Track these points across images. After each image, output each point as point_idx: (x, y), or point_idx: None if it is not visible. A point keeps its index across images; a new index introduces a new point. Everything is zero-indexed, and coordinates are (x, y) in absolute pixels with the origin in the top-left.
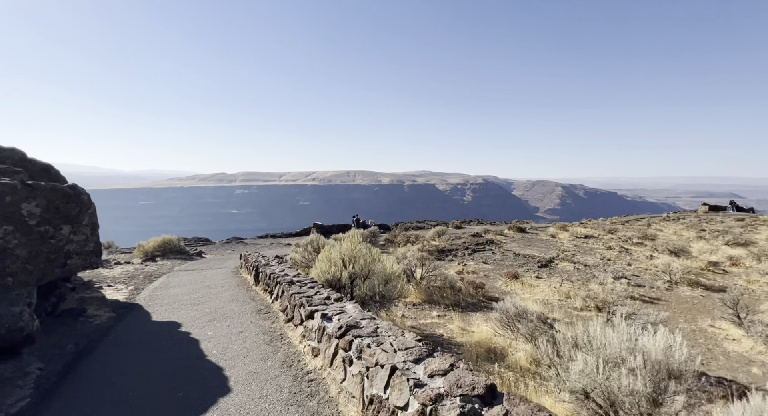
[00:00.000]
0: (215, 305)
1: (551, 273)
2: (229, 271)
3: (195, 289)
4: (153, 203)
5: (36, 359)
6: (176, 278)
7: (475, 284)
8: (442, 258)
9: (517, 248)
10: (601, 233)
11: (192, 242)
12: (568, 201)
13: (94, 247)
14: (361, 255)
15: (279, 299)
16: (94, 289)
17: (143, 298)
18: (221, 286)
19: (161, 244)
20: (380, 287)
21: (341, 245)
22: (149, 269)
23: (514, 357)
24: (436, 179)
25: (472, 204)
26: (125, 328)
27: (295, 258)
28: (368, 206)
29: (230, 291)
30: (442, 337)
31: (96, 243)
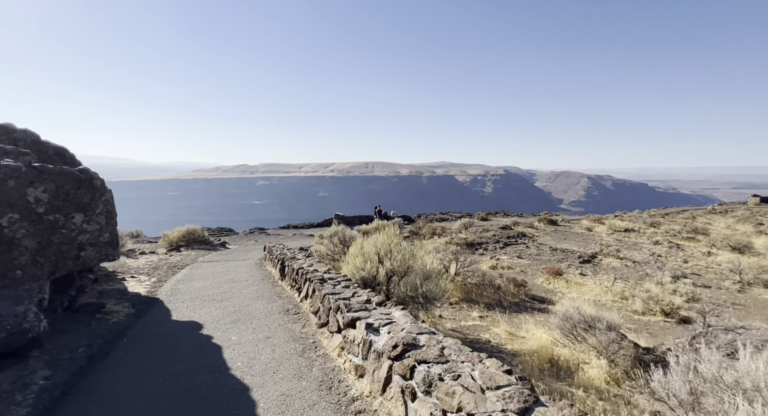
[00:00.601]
0: (239, 302)
1: (596, 270)
2: (253, 263)
3: (218, 283)
4: (180, 194)
5: (43, 365)
6: (199, 270)
7: (517, 281)
8: (472, 252)
9: (551, 241)
10: (641, 226)
11: (216, 232)
12: (594, 193)
13: (110, 238)
14: (399, 250)
15: (309, 298)
16: (117, 281)
17: (165, 292)
18: (245, 280)
19: (185, 234)
20: (423, 288)
21: (376, 238)
22: (173, 260)
23: (587, 375)
24: (456, 171)
25: (492, 196)
26: (143, 328)
27: (321, 251)
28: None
29: (255, 286)
30: (489, 343)
31: (112, 234)
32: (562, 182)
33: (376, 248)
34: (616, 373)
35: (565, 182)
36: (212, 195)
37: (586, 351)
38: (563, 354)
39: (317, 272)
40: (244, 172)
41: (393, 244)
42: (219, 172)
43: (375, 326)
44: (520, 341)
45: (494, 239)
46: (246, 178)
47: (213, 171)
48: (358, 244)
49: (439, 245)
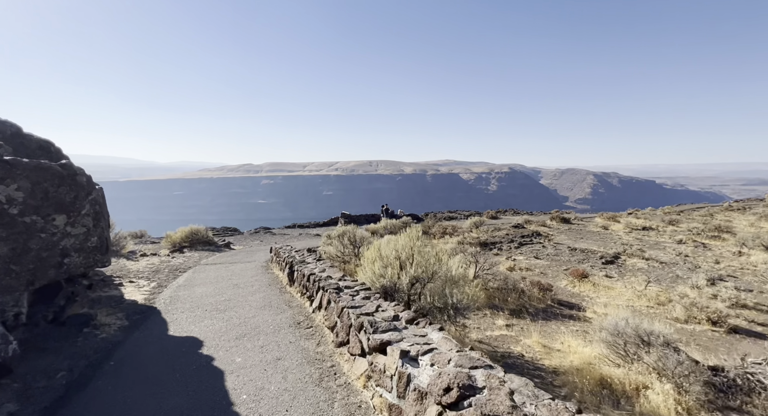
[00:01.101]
0: (244, 312)
1: (622, 272)
2: (259, 266)
3: (221, 289)
4: (185, 193)
5: (11, 396)
6: (202, 274)
7: (542, 285)
8: (486, 252)
9: (568, 241)
10: (659, 224)
11: (220, 231)
12: (600, 190)
13: (99, 242)
14: (423, 254)
15: (323, 309)
16: (114, 286)
17: (164, 300)
18: (251, 285)
19: (189, 234)
20: (453, 298)
21: (396, 240)
22: (175, 263)
23: (651, 403)
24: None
25: (497, 194)
26: (135, 346)
27: (330, 252)
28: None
29: (261, 293)
30: (522, 358)
31: (101, 237)
32: (568, 179)
33: (397, 251)
34: (686, 401)
35: (571, 180)
36: (217, 194)
37: (643, 372)
38: (615, 374)
39: (331, 280)
40: (248, 171)
41: (416, 247)
42: (224, 171)
43: (412, 354)
44: (557, 355)
45: (508, 239)
46: (251, 177)
47: (218, 171)
48: (375, 247)
49: (448, 245)
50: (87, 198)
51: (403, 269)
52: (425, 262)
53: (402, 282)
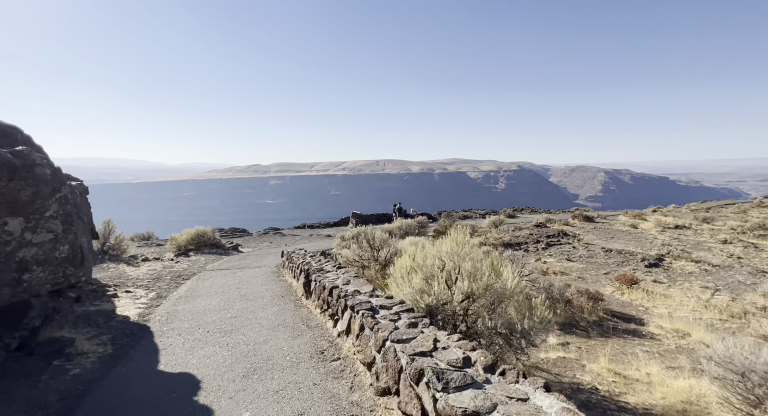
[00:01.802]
0: (254, 335)
1: (671, 276)
2: (270, 272)
3: (228, 301)
4: (196, 194)
5: None
6: (207, 282)
7: (590, 294)
8: (512, 254)
9: (598, 240)
10: (692, 222)
11: (229, 233)
12: (611, 187)
13: (71, 252)
14: (476, 264)
15: (352, 335)
16: (106, 298)
17: (160, 316)
18: (261, 297)
19: (195, 237)
20: (524, 323)
21: (440, 245)
22: (179, 268)
23: None
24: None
25: (505, 192)
26: (112, 389)
27: (348, 256)
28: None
29: (273, 307)
30: (597, 392)
31: (75, 246)
32: (578, 176)
33: (441, 260)
34: None
35: (581, 177)
36: (227, 195)
37: None
38: None
39: (359, 295)
40: (257, 172)
41: (468, 255)
42: (233, 172)
43: None
44: (640, 389)
45: (533, 239)
46: (259, 177)
47: (227, 171)
48: (410, 254)
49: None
50: (53, 196)
51: (449, 285)
52: (479, 273)
53: (454, 301)
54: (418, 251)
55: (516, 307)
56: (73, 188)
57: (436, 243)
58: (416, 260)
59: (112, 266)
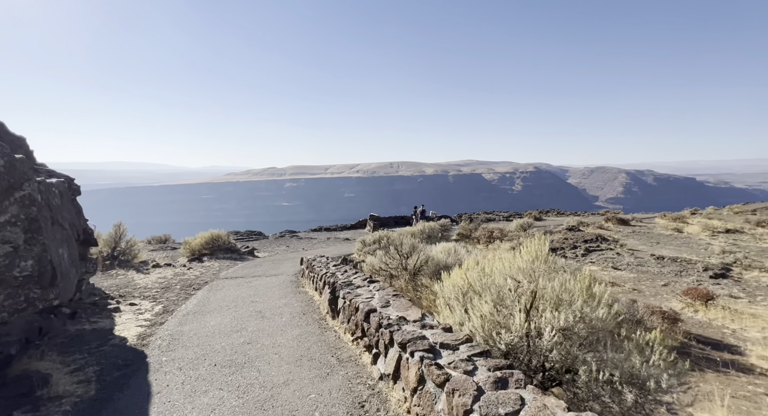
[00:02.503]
0: (272, 374)
1: (747, 290)
2: (287, 281)
3: (241, 320)
4: (213, 197)
5: None
6: (219, 293)
7: (664, 314)
8: None
9: (643, 246)
10: (744, 226)
11: (244, 235)
12: (633, 189)
13: (38, 269)
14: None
15: (405, 386)
16: (107, 312)
17: (162, 339)
18: (279, 314)
19: (209, 241)
20: (648, 369)
21: (512, 258)
22: (190, 276)
23: None
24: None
25: (522, 194)
26: None
27: (373, 264)
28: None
29: (294, 329)
30: None
31: (41, 261)
32: (598, 178)
33: (514, 279)
34: None
35: (601, 178)
36: (243, 197)
37: None
38: None
39: (406, 325)
40: (272, 174)
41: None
42: (249, 175)
43: None
44: None
45: (570, 244)
46: (275, 180)
47: (244, 174)
48: (466, 269)
49: (499, 251)
50: (10, 196)
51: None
52: (569, 297)
53: (544, 340)
54: (470, 263)
55: (632, 346)
56: (49, 187)
57: (492, 253)
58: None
59: (121, 273)
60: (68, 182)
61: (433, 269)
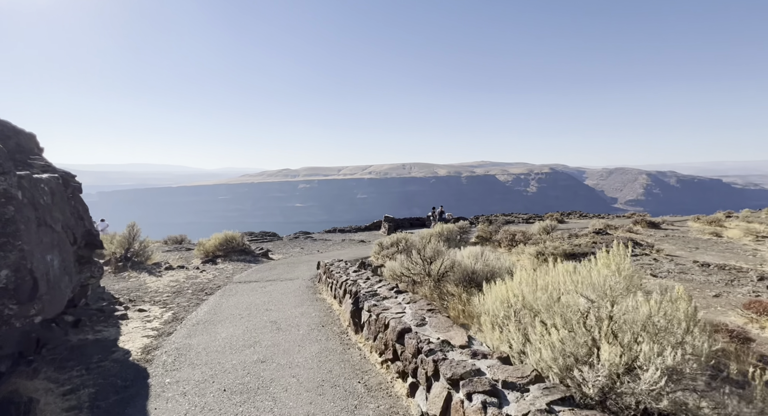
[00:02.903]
0: (289, 404)
1: None
2: (303, 286)
3: (254, 332)
4: (229, 198)
5: None
6: (232, 300)
7: (731, 331)
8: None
9: (681, 252)
10: None
11: (259, 237)
12: (654, 190)
13: (14, 280)
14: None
15: None
16: (113, 319)
17: (167, 355)
18: (296, 325)
19: (223, 242)
20: None
21: (588, 271)
22: (203, 279)
23: None
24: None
25: (536, 195)
26: None
27: (394, 269)
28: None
29: (313, 345)
30: None
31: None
32: (617, 179)
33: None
34: None
35: (620, 180)
36: (258, 198)
37: None
38: None
39: (451, 351)
40: (286, 176)
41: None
42: (264, 176)
43: None
44: None
45: (599, 248)
46: (289, 181)
47: (258, 176)
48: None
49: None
50: None
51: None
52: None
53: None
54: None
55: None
56: (36, 182)
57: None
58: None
59: (133, 276)
60: (64, 178)
61: (460, 276)
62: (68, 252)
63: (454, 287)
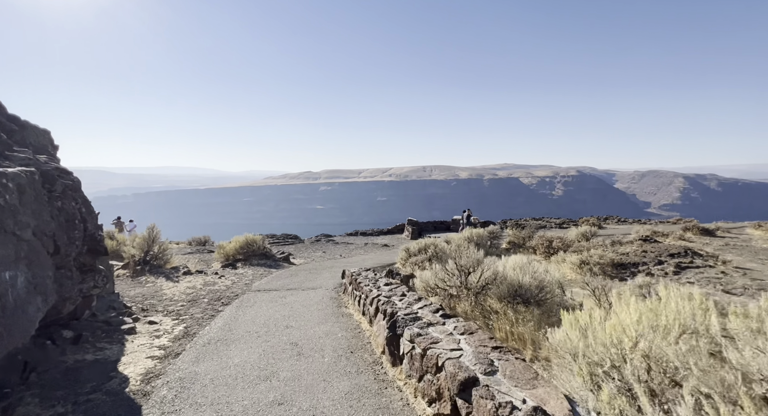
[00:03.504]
0: None
1: None
2: (327, 297)
3: (271, 358)
4: (253, 200)
5: None
6: (249, 312)
7: None
8: (626, 278)
9: (752, 264)
10: None
11: (280, 239)
12: (693, 195)
13: None
14: None
15: None
16: (119, 335)
17: (169, 387)
18: (320, 350)
19: (243, 245)
20: None
21: None
22: (221, 285)
23: None
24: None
25: (563, 199)
26: None
27: (427, 280)
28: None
29: (341, 381)
30: None
31: None
32: (650, 182)
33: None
34: None
35: (654, 183)
36: (280, 200)
37: None
38: None
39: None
40: (308, 178)
41: None
42: (286, 179)
43: None
44: None
45: (653, 258)
46: (310, 184)
47: (281, 178)
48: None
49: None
50: None
51: None
52: None
53: None
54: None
55: None
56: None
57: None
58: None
59: (150, 281)
60: (45, 174)
61: (505, 290)
62: (43, 265)
63: (497, 302)
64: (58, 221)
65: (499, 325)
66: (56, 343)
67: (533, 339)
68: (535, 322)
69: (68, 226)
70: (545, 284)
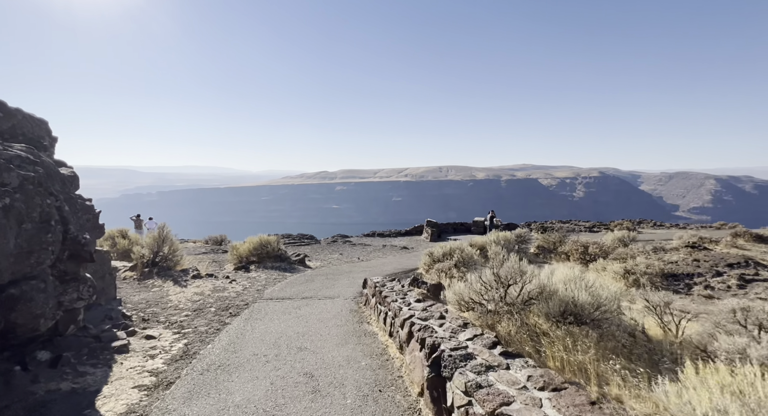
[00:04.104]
0: None
1: None
2: (345, 309)
3: (281, 395)
4: (270, 199)
5: None
6: (259, 326)
7: None
8: (679, 291)
9: None
10: None
11: (297, 239)
12: (725, 197)
13: None
14: None
15: None
16: (107, 355)
17: None
18: (340, 385)
19: (257, 247)
20: None
21: None
22: (231, 292)
23: None
24: (539, 173)
25: (584, 201)
26: None
27: (461, 294)
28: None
29: None
30: None
31: None
32: (678, 184)
33: None
34: None
35: (683, 185)
36: (297, 199)
37: None
38: None
39: None
40: (324, 178)
41: None
42: (303, 178)
43: None
44: None
45: (707, 269)
46: (326, 184)
47: (298, 178)
48: None
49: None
50: None
51: None
52: None
53: None
54: None
55: None
56: None
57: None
58: None
59: (157, 284)
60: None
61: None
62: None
63: (545, 321)
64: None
65: (552, 352)
66: (27, 368)
67: (597, 371)
68: (595, 348)
69: (40, 228)
70: (602, 300)
